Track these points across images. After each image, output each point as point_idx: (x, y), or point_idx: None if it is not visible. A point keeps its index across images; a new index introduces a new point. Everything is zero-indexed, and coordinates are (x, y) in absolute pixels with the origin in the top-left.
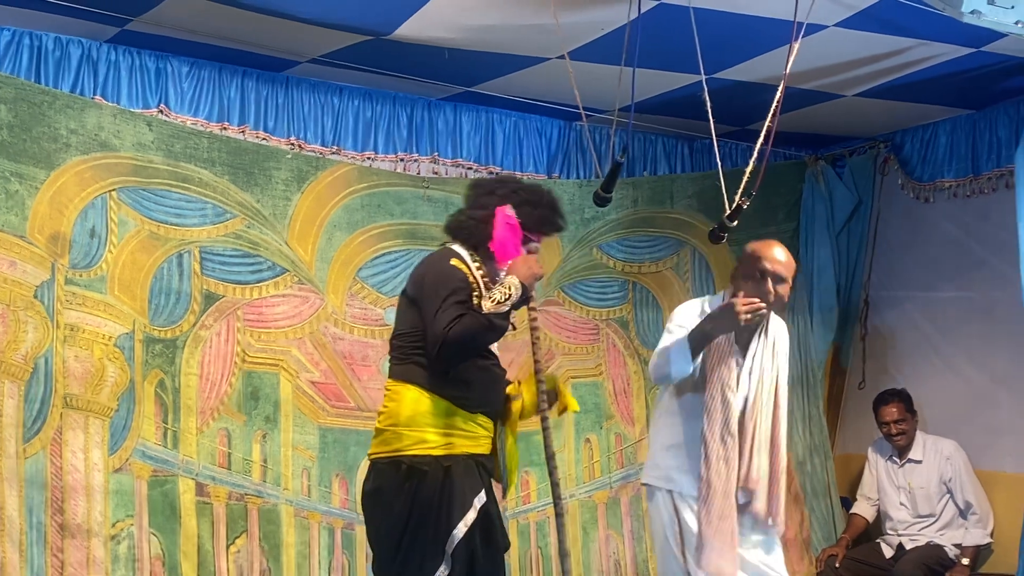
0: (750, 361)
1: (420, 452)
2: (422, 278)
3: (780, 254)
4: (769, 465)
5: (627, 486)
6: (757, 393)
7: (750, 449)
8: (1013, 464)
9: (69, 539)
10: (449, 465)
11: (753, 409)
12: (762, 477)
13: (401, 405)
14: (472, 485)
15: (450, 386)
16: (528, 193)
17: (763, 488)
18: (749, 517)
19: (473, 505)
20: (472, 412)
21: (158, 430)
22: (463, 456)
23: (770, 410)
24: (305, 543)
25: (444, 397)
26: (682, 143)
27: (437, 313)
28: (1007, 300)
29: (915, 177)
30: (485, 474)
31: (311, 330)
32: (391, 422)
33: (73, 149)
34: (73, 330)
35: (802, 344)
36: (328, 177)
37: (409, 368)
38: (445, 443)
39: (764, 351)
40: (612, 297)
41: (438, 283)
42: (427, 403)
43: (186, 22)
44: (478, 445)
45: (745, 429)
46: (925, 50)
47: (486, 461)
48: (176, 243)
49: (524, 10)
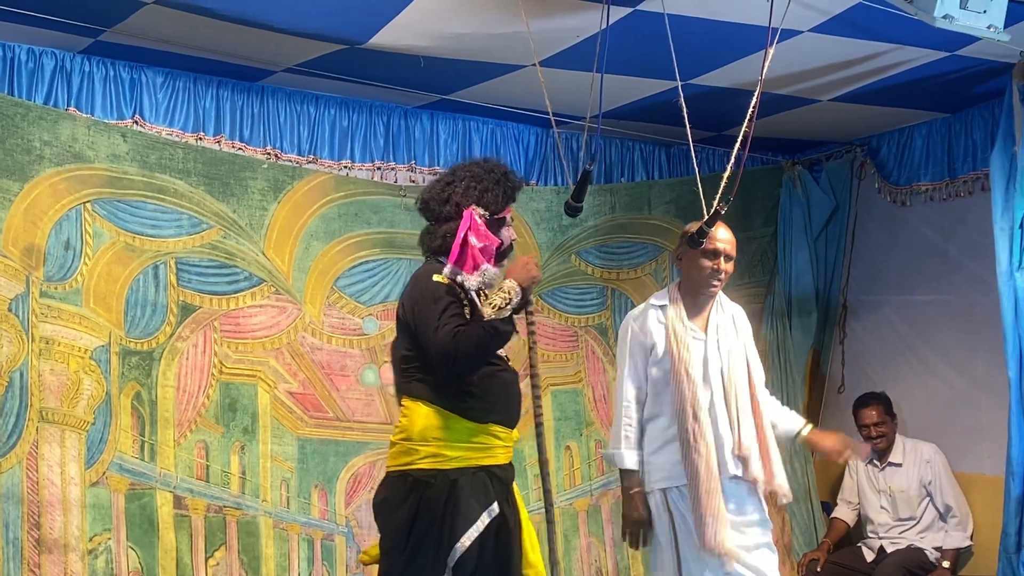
0: (715, 334)
1: (428, 466)
2: (412, 300)
3: (727, 234)
4: (756, 430)
5: (608, 493)
6: (730, 365)
7: (737, 418)
8: (991, 466)
9: (46, 554)
10: (456, 478)
11: (730, 379)
12: (752, 443)
13: (413, 421)
14: (481, 498)
15: (456, 398)
16: (481, 181)
17: (755, 453)
18: (753, 499)
19: (480, 518)
20: (483, 423)
21: (135, 443)
22: (474, 468)
23: (746, 377)
24: (284, 555)
25: (453, 411)
26: (659, 149)
27: (436, 331)
28: (984, 302)
29: (892, 181)
30: (500, 486)
31: (289, 340)
32: (404, 436)
33: (47, 161)
34: (48, 343)
35: (781, 349)
36: (305, 186)
37: (415, 386)
38: (456, 456)
39: (724, 323)
40: (591, 304)
41: (426, 302)
42: (437, 418)
43: (160, 32)
44: (492, 456)
45: (728, 400)
46: (899, 54)
47: (500, 472)
48: (152, 254)
49: (498, 19)
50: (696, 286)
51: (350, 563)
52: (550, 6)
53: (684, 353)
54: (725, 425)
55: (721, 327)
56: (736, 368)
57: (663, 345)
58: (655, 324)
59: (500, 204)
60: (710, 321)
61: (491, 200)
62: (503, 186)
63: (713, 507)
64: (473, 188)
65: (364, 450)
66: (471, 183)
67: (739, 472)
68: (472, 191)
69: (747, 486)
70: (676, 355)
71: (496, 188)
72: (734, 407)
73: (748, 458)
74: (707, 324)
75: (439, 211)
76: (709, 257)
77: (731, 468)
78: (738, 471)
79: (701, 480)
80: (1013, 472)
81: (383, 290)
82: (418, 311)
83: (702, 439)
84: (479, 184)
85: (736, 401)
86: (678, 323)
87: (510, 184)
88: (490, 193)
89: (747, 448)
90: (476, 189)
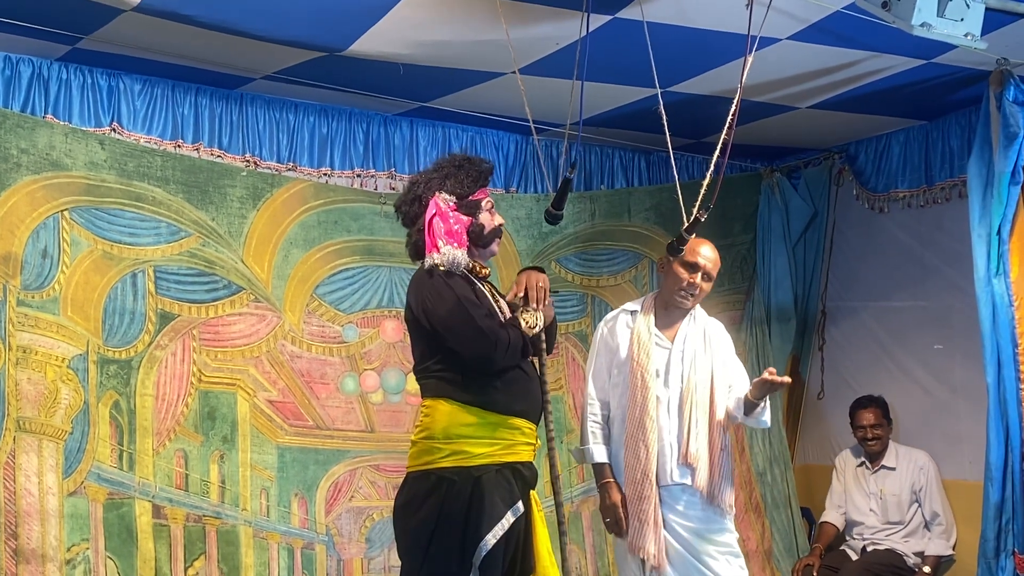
0: (681, 344)
1: (451, 464)
2: (424, 303)
3: (711, 252)
4: (708, 444)
5: (588, 500)
6: (690, 375)
7: (688, 427)
8: (972, 472)
9: (24, 564)
10: (480, 475)
11: (688, 389)
12: (701, 455)
13: (435, 419)
14: (505, 495)
15: (479, 392)
16: (441, 169)
17: (704, 465)
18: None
19: (506, 516)
20: (507, 415)
21: (113, 452)
22: (497, 466)
23: (707, 392)
24: (264, 564)
25: (476, 404)
26: (639, 156)
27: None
28: (962, 308)
29: (869, 188)
30: (523, 484)
31: (268, 348)
32: (426, 435)
33: (24, 169)
34: (25, 352)
35: (760, 355)
36: (284, 194)
37: (434, 384)
38: (479, 453)
39: (694, 335)
40: (571, 311)
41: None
42: (460, 413)
43: (138, 40)
44: (515, 453)
45: (683, 407)
46: (877, 62)
47: (525, 470)
48: (130, 262)
49: (478, 26)
50: (669, 296)
51: (330, 571)
52: (530, 14)
53: (643, 358)
54: (674, 432)
55: (690, 338)
56: (698, 379)
57: (626, 349)
58: (623, 328)
59: (467, 187)
60: (679, 331)
61: (455, 184)
62: (466, 170)
63: (643, 512)
64: (434, 178)
65: (344, 458)
66: (431, 174)
67: (686, 480)
68: (433, 181)
69: (698, 493)
70: (635, 359)
71: (459, 172)
72: (687, 415)
73: (695, 467)
74: (675, 334)
75: (409, 212)
76: (687, 269)
77: (675, 474)
78: (685, 479)
79: (633, 484)
80: (992, 477)
81: (363, 298)
82: (442, 313)
83: (643, 444)
84: (439, 172)
85: (692, 410)
86: (644, 329)
87: (473, 167)
88: (452, 179)
89: (694, 456)
90: (437, 177)
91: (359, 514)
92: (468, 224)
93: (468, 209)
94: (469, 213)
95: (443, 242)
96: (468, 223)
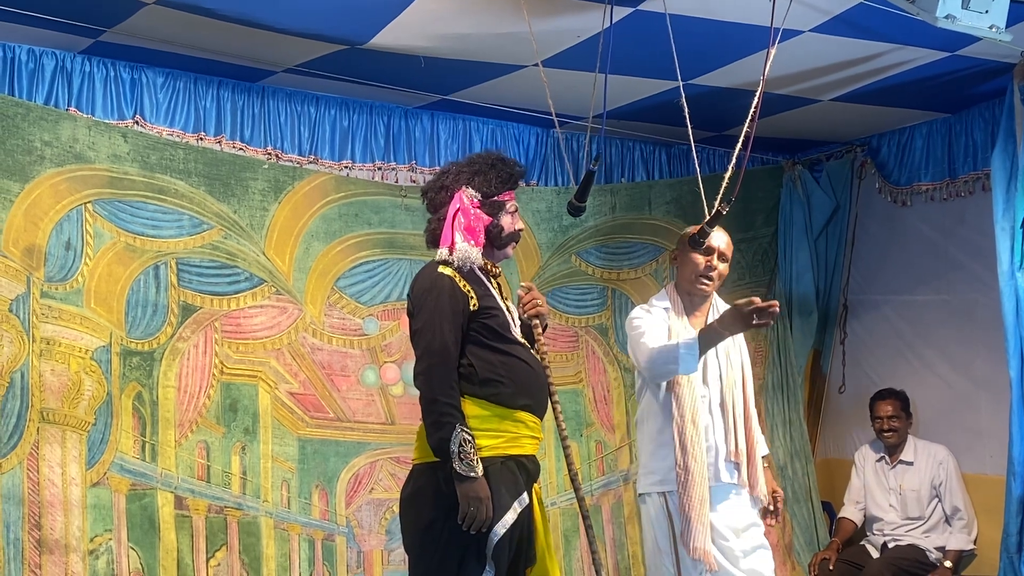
0: (722, 344)
1: None
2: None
3: (722, 234)
4: (745, 440)
5: (608, 493)
6: (727, 372)
7: (733, 424)
8: (993, 466)
9: (47, 555)
10: (486, 468)
11: (731, 389)
12: (745, 451)
13: None
14: (510, 487)
15: (485, 385)
16: (473, 164)
17: (746, 460)
18: (746, 502)
19: (512, 507)
20: (512, 407)
21: (136, 443)
22: (502, 458)
23: (741, 382)
24: (285, 555)
25: (482, 397)
26: (660, 149)
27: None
28: (985, 303)
29: (892, 181)
30: (527, 477)
31: (289, 341)
32: None
33: (47, 161)
34: (49, 344)
35: (782, 349)
36: (305, 187)
37: None
38: (485, 446)
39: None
40: (591, 304)
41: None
42: (467, 406)
43: (161, 33)
44: (520, 447)
45: (725, 405)
46: (900, 54)
47: (528, 463)
48: (152, 255)
49: (498, 18)
50: (689, 285)
51: (351, 563)
52: (552, 6)
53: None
54: (720, 431)
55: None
56: (733, 373)
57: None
58: (661, 322)
59: (494, 187)
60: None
61: (483, 182)
62: (497, 169)
63: (704, 515)
64: (464, 172)
65: (364, 450)
66: (463, 167)
67: (733, 479)
68: (463, 175)
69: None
70: None
71: (489, 171)
72: (730, 413)
73: (741, 464)
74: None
75: (435, 199)
76: (703, 253)
77: (724, 475)
78: (732, 478)
79: (694, 487)
80: (1015, 472)
81: (384, 290)
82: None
83: (698, 446)
84: (470, 167)
85: (733, 407)
86: (680, 328)
87: (505, 168)
88: (481, 176)
89: (741, 454)
90: (467, 172)
91: (379, 506)
92: (488, 223)
93: (491, 208)
94: (491, 213)
95: (461, 238)
96: (488, 222)
